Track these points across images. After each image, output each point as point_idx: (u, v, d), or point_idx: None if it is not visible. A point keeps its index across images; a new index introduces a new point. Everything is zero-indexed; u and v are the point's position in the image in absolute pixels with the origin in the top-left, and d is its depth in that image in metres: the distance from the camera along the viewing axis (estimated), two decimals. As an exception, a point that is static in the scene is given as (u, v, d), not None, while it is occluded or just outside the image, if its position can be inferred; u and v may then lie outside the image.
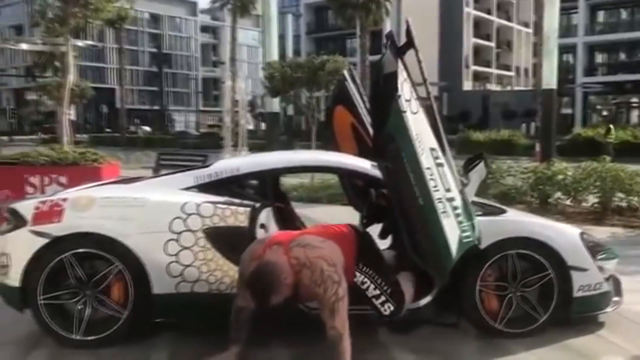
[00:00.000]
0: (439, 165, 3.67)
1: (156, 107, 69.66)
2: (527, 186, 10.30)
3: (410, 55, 3.67)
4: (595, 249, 4.41)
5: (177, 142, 38.13)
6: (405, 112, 3.48)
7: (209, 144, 30.55)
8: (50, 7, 11.19)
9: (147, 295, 4.04)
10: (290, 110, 43.30)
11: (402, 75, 3.54)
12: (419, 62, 3.69)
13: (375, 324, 4.28)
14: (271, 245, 3.50)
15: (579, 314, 4.35)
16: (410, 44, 3.67)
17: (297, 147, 22.39)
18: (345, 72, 6.16)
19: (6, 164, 9.14)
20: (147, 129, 61.23)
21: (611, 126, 24.21)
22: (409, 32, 3.66)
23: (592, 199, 9.72)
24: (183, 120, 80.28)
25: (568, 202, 9.94)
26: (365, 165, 4.54)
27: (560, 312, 4.26)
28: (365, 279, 3.74)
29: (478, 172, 4.30)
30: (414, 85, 3.65)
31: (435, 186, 3.59)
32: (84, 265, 4.07)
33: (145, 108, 77.25)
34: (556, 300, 4.23)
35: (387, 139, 3.53)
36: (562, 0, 14.70)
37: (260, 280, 3.25)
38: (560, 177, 9.76)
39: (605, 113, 49.27)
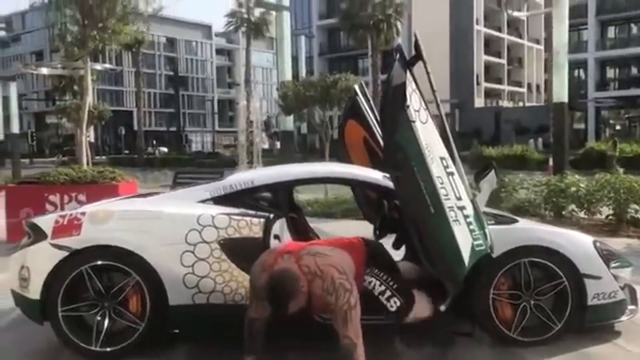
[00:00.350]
0: (450, 174, 3.71)
1: (173, 129, 70.45)
2: (541, 199, 10.27)
3: (418, 67, 3.74)
4: (608, 257, 4.40)
5: (194, 162, 38.56)
6: (414, 121, 3.54)
7: (224, 162, 30.86)
8: (70, 31, 11.47)
9: (164, 307, 4.10)
10: (304, 129, 43.53)
11: (410, 86, 3.61)
12: (428, 73, 3.76)
13: (389, 332, 4.30)
14: (282, 255, 3.55)
15: (594, 323, 4.34)
16: (418, 56, 3.75)
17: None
18: (357, 88, 6.25)
19: (27, 183, 9.36)
20: (165, 149, 61.87)
21: (616, 139, 24.34)
22: (417, 45, 3.73)
23: (606, 211, 9.66)
24: (200, 141, 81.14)
25: (582, 214, 9.88)
26: (377, 176, 4.60)
27: (575, 321, 4.26)
28: (371, 278, 3.77)
29: (489, 182, 4.35)
30: (422, 95, 3.72)
31: (446, 195, 3.63)
32: (102, 277, 4.15)
33: (162, 129, 78.20)
34: (570, 308, 4.23)
35: (397, 149, 3.59)
36: (571, 17, 14.72)
37: (279, 287, 3.30)
38: (574, 189, 9.72)
39: (618, 127, 48.88)
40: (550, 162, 15.03)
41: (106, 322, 4.11)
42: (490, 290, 4.20)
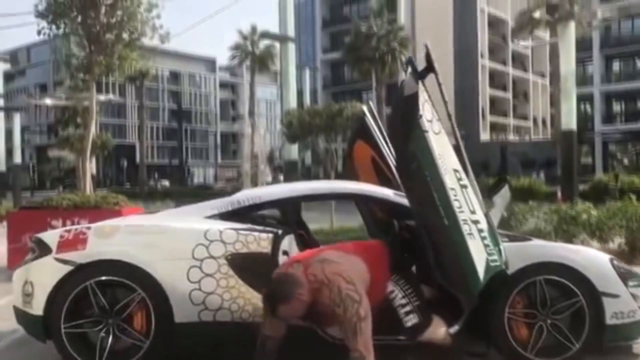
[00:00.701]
0: (463, 186, 3.65)
1: (175, 162, 70.66)
2: (551, 227, 10.13)
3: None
4: (626, 275, 4.29)
5: (197, 194, 38.46)
6: (427, 132, 3.50)
7: (227, 194, 30.74)
8: (76, 56, 11.58)
9: (169, 324, 3.99)
10: (308, 160, 43.62)
11: (422, 97, 3.57)
12: (439, 84, 3.73)
13: (403, 351, 4.16)
14: (292, 264, 3.46)
15: (612, 343, 4.20)
16: (430, 68, 3.72)
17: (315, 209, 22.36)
18: (365, 108, 6.22)
19: (30, 208, 9.30)
20: (166, 183, 61.96)
21: (617, 172, 24.40)
22: (428, 57, 3.71)
23: (618, 239, 9.52)
24: (202, 174, 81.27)
25: (594, 242, 9.74)
26: (386, 192, 4.52)
27: (593, 341, 4.12)
28: (395, 288, 3.66)
29: (502, 196, 4.27)
30: (434, 106, 3.67)
31: (459, 207, 3.56)
32: (106, 293, 4.05)
33: (165, 163, 78.43)
34: (588, 328, 4.09)
35: (410, 158, 3.53)
36: (576, 51, 14.86)
37: (274, 288, 3.24)
38: (585, 216, 9.59)
39: (626, 162, 48.83)
40: (559, 194, 14.94)
41: (110, 339, 3.99)
42: (506, 309, 4.08)
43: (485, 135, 57.08)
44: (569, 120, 12.29)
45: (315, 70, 58.86)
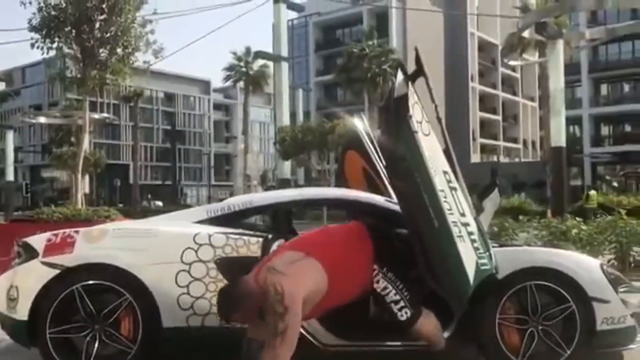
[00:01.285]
0: (452, 189, 3.65)
1: (168, 182, 70.45)
2: (542, 243, 10.14)
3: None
4: (616, 281, 4.28)
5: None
6: (417, 132, 3.51)
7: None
8: (69, 69, 11.60)
9: (157, 329, 3.94)
10: (301, 179, 43.58)
11: (412, 98, 3.59)
12: (429, 88, 3.75)
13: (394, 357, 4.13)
14: (264, 265, 3.42)
15: (602, 349, 4.17)
16: (420, 71, 3.75)
17: (307, 216, 22.37)
18: (356, 119, 6.26)
19: (20, 221, 9.23)
20: (160, 203, 61.68)
21: (591, 193, 24.37)
22: (418, 60, 3.74)
23: (608, 255, 9.52)
24: (195, 195, 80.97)
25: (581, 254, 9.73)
26: (377, 198, 4.52)
27: (583, 346, 4.09)
28: (386, 284, 3.63)
29: (492, 200, 4.28)
30: (423, 108, 3.69)
31: (449, 209, 3.54)
32: (93, 297, 3.99)
33: (158, 183, 78.19)
34: (579, 333, 4.07)
35: (399, 159, 3.53)
36: (565, 74, 15.04)
37: (221, 297, 3.24)
38: (575, 231, 9.62)
39: (615, 184, 49.12)
40: (549, 214, 14.97)
41: (96, 345, 3.93)
42: (496, 315, 4.05)
43: (475, 157, 57.39)
44: (558, 138, 12.41)
45: (308, 92, 59.22)
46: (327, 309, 3.57)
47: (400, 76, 3.72)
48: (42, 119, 23.43)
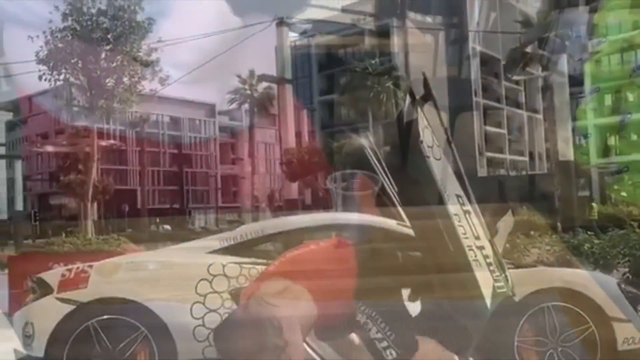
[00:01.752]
0: (466, 212, 3.63)
1: (176, 206, 70.54)
2: (554, 259, 10.05)
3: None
4: (635, 299, 4.23)
5: (200, 237, 38.36)
6: (428, 157, 3.50)
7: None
8: (76, 99, 11.70)
9: (173, 362, 3.91)
10: (308, 200, 43.49)
11: (422, 123, 3.58)
12: (437, 110, 3.75)
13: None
14: (253, 295, 3.40)
15: (625, 370, 4.11)
16: (428, 95, 3.75)
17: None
18: (363, 139, 6.24)
19: (31, 252, 9.24)
20: (168, 227, 61.75)
21: (593, 204, 24.24)
22: (426, 84, 3.75)
23: (622, 268, 9.42)
24: (203, 218, 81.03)
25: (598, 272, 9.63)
26: (389, 222, 4.50)
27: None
28: (367, 320, 3.49)
29: (505, 222, 4.23)
30: (434, 133, 3.68)
31: (464, 233, 3.52)
32: (108, 332, 3.98)
33: (166, 207, 78.25)
34: (600, 355, 4.01)
35: (411, 185, 3.52)
36: (569, 86, 15.02)
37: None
38: (587, 245, 9.53)
39: (623, 194, 48.76)
40: (559, 227, 14.86)
41: (113, 380, 3.91)
42: (515, 337, 4.01)
43: (482, 172, 57.17)
44: (566, 150, 12.37)
45: (313, 111, 59.36)
46: (315, 327, 3.53)
47: (408, 100, 3.72)
48: (50, 148, 23.54)
